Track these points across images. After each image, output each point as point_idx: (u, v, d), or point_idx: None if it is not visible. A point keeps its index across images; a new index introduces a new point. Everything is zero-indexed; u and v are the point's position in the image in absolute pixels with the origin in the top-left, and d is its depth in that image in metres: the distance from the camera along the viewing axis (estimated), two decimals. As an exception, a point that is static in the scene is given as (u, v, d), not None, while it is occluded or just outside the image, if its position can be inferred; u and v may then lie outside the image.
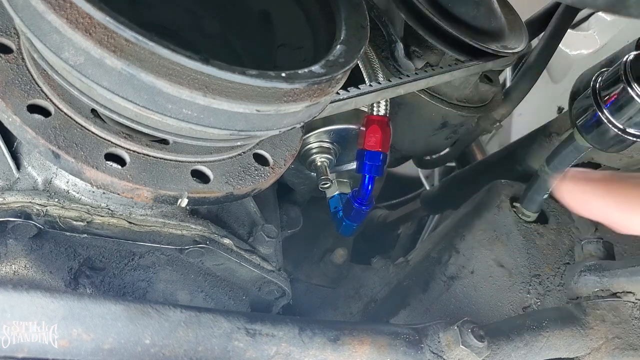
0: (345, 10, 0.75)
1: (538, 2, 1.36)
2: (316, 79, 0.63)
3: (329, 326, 0.76)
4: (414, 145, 1.21)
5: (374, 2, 1.04)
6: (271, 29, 0.85)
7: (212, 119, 0.62)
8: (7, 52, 0.72)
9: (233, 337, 0.70)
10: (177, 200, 0.72)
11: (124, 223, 0.82)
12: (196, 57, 0.56)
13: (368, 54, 0.99)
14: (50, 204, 0.78)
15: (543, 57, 1.24)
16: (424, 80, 0.99)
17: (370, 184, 1.00)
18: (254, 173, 0.79)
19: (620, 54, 1.05)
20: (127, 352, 0.65)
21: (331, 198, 1.12)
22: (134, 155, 0.71)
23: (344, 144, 1.05)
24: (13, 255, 0.78)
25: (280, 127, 0.68)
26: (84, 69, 0.58)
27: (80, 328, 0.63)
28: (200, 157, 0.75)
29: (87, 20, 0.54)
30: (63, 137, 0.68)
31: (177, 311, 0.68)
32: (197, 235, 0.87)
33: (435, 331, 0.79)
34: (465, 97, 1.12)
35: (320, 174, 1.03)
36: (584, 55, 1.87)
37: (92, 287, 0.82)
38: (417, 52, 1.05)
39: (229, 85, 0.59)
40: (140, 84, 0.58)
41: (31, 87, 0.70)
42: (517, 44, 1.06)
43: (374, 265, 1.33)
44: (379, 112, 0.99)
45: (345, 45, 0.70)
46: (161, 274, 0.89)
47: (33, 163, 0.80)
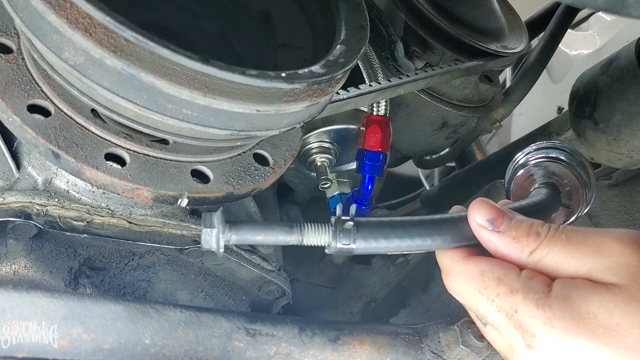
0: (345, 10, 0.75)
1: (538, 2, 1.36)
2: (316, 79, 0.63)
3: (329, 326, 0.76)
4: (414, 145, 1.21)
5: (374, 2, 1.04)
6: (271, 29, 0.85)
7: (212, 119, 0.62)
8: (7, 52, 0.72)
9: (233, 337, 0.70)
10: (177, 200, 0.72)
11: (124, 223, 0.82)
12: (196, 57, 0.56)
13: (368, 54, 0.99)
14: (50, 204, 0.78)
15: (543, 57, 1.23)
16: (424, 80, 0.99)
17: (370, 184, 1.00)
18: (254, 173, 0.79)
19: (620, 54, 1.05)
20: (127, 352, 0.65)
21: (331, 198, 1.12)
22: (134, 155, 0.71)
23: (344, 144, 1.05)
24: (13, 255, 0.78)
25: (280, 127, 0.68)
26: (84, 69, 0.58)
27: (80, 328, 0.63)
28: (200, 157, 0.75)
29: (87, 20, 0.54)
30: (63, 137, 0.68)
31: (177, 311, 0.69)
32: (197, 235, 0.87)
33: (435, 331, 0.79)
34: (465, 97, 1.12)
35: (320, 174, 1.03)
36: (584, 55, 1.87)
37: (92, 287, 0.82)
38: (417, 52, 1.05)
39: (229, 85, 0.59)
40: (140, 84, 0.58)
41: (31, 87, 0.70)
42: (517, 44, 1.06)
43: (374, 265, 1.33)
44: (379, 112, 0.99)
45: (345, 45, 0.70)
46: (161, 274, 0.89)
47: (33, 163, 0.80)
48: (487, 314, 0.57)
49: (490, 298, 0.56)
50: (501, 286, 0.55)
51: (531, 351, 0.53)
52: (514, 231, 0.58)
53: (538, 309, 0.53)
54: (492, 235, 0.58)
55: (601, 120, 1.04)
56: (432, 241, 0.60)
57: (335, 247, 0.60)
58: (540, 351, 0.53)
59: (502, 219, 0.58)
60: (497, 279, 0.56)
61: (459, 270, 0.59)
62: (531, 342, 0.53)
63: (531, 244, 0.56)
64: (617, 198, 1.11)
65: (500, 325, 0.56)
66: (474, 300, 0.58)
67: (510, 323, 0.54)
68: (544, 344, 0.52)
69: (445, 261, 0.61)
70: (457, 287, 0.60)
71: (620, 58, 1.04)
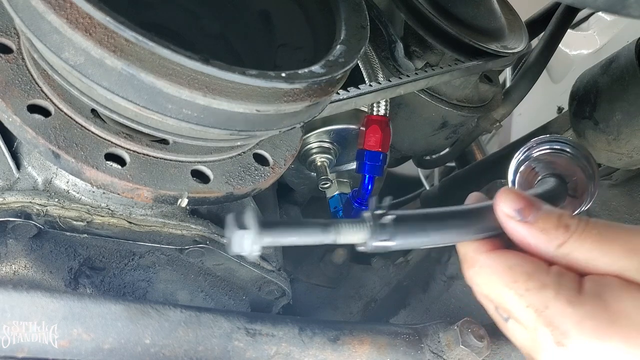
0: (345, 10, 0.75)
1: (538, 2, 1.36)
2: (316, 79, 0.63)
3: (329, 326, 0.76)
4: (414, 145, 1.21)
5: (374, 2, 1.04)
6: (271, 29, 0.85)
7: (212, 119, 0.62)
8: (7, 52, 0.72)
9: (233, 337, 0.70)
10: (177, 200, 0.72)
11: (124, 223, 0.82)
12: (196, 57, 0.56)
13: (368, 54, 0.99)
14: (50, 204, 0.78)
15: (543, 57, 1.23)
16: (424, 80, 0.99)
17: (370, 184, 1.00)
18: (254, 173, 0.79)
19: (620, 54, 1.05)
20: (127, 352, 0.65)
21: (331, 198, 1.12)
22: (134, 155, 0.71)
23: (344, 144, 1.05)
24: (13, 255, 0.78)
25: (280, 127, 0.68)
26: (84, 69, 0.58)
27: (80, 328, 0.63)
28: (200, 157, 0.75)
29: (87, 20, 0.55)
30: (63, 137, 0.68)
31: (177, 311, 0.69)
32: (197, 235, 0.87)
33: (435, 331, 0.79)
34: (465, 97, 1.12)
35: (320, 174, 1.03)
36: (584, 55, 1.87)
37: (92, 287, 0.82)
38: (417, 52, 1.05)
39: (229, 85, 0.59)
40: (140, 84, 0.58)
41: (31, 87, 0.70)
42: (517, 44, 1.06)
43: (374, 265, 1.33)
44: (379, 112, 0.99)
45: (345, 45, 0.70)
46: (161, 273, 0.89)
47: (33, 163, 0.80)
48: (513, 309, 0.55)
49: (519, 292, 0.54)
50: (530, 281, 0.54)
51: (561, 349, 0.52)
52: (541, 222, 0.55)
53: (570, 307, 0.52)
54: (520, 225, 0.56)
55: (601, 120, 1.04)
56: (466, 234, 0.58)
57: (371, 245, 0.55)
58: (571, 350, 0.52)
59: (530, 209, 0.56)
60: (526, 273, 0.54)
61: (485, 262, 0.57)
62: (561, 339, 0.52)
63: (560, 236, 0.55)
64: (617, 198, 1.11)
65: (527, 321, 0.54)
66: (498, 294, 0.56)
67: (539, 319, 0.53)
68: (575, 342, 0.51)
69: (469, 252, 0.59)
70: (481, 279, 0.58)
71: (620, 58, 1.04)
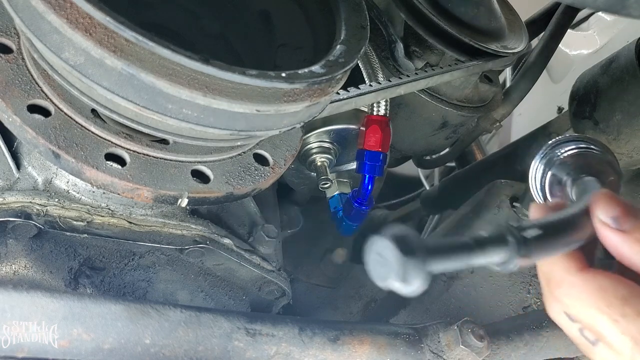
0: (345, 10, 0.75)
1: (538, 2, 1.36)
2: (316, 79, 0.63)
3: (329, 326, 0.76)
4: (414, 145, 1.21)
5: (374, 2, 1.04)
6: (271, 29, 0.85)
7: (212, 119, 0.62)
8: (7, 52, 0.72)
9: (233, 337, 0.70)
10: (177, 200, 0.72)
11: (124, 223, 0.82)
12: (196, 57, 0.56)
13: (368, 54, 0.99)
14: (50, 204, 0.78)
15: (543, 57, 1.23)
16: (424, 80, 0.99)
17: (370, 184, 1.00)
18: (254, 173, 0.79)
19: (620, 54, 1.05)
20: (127, 352, 0.65)
21: (331, 198, 1.12)
22: (134, 155, 0.71)
23: (344, 144, 1.05)
24: (13, 255, 0.78)
25: (280, 127, 0.68)
26: (84, 69, 0.58)
27: (80, 328, 0.63)
28: (200, 157, 0.75)
29: (87, 20, 0.55)
30: (63, 137, 0.68)
31: (177, 311, 0.69)
32: (197, 235, 0.87)
33: (435, 331, 0.79)
34: (465, 97, 1.12)
35: (320, 174, 1.03)
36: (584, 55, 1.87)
37: (92, 287, 0.82)
38: (417, 52, 1.05)
39: (229, 85, 0.59)
40: (140, 84, 0.58)
41: (31, 87, 0.70)
42: (517, 44, 1.06)
43: (374, 265, 1.33)
44: (379, 112, 0.99)
45: (345, 45, 0.70)
46: (161, 274, 0.89)
47: (33, 163, 0.80)
48: (606, 334, 0.52)
49: (613, 317, 0.51)
50: (627, 307, 0.51)
51: None
52: (638, 232, 0.52)
53: None
54: (615, 234, 0.53)
55: (601, 120, 1.04)
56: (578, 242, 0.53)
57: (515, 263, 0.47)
58: None
59: (627, 217, 0.53)
60: (621, 297, 0.51)
61: (575, 282, 0.54)
62: None
63: None
64: (617, 198, 1.10)
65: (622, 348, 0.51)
66: (590, 317, 0.53)
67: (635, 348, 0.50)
68: None
69: (556, 271, 0.55)
70: (569, 300, 0.54)
71: (620, 58, 1.04)
